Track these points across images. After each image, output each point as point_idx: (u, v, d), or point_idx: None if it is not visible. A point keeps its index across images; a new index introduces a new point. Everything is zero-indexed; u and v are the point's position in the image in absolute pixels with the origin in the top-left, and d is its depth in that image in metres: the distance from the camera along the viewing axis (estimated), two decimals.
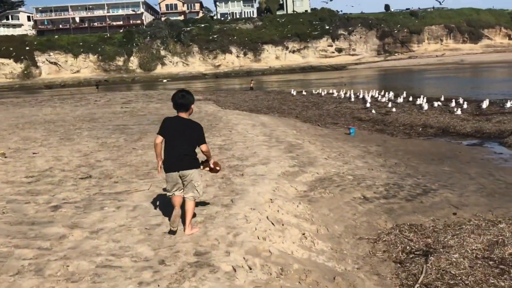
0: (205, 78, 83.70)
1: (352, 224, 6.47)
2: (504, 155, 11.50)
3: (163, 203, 6.36)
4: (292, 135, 13.59)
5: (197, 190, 5.34)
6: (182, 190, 5.34)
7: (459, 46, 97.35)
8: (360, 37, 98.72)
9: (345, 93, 28.35)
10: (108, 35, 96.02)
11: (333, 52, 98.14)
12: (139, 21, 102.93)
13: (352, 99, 25.47)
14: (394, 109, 20.46)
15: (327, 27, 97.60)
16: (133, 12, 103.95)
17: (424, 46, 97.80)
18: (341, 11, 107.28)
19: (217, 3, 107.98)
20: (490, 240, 5.65)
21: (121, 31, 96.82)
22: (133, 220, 5.89)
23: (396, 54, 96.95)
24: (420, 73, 58.99)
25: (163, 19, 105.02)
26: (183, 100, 5.29)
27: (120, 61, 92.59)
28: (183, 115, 5.31)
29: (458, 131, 15.06)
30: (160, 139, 5.29)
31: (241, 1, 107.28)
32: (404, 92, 25.26)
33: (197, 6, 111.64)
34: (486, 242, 5.60)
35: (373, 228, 6.39)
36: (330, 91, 31.90)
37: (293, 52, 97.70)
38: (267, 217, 6.00)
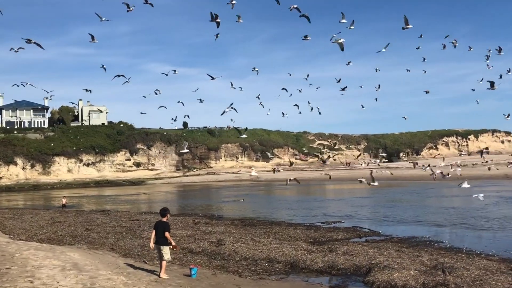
0: None
1: None
2: None
3: None
4: (124, 286, 10.13)
5: (166, 256, 11.34)
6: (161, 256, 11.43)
7: (253, 163, 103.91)
8: (159, 152, 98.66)
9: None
10: None
11: (131, 166, 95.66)
12: None
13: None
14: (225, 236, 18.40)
15: (125, 141, 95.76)
16: None
17: (221, 163, 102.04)
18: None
19: (3, 110, 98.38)
20: None
21: None
22: None
23: (195, 169, 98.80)
24: (219, 190, 59.54)
25: None
26: (161, 212, 11.59)
27: None
28: (163, 219, 11.45)
29: (309, 266, 13.36)
30: (153, 231, 11.58)
31: (31, 110, 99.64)
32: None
33: None
34: None
35: None
36: (143, 211, 28.78)
37: (88, 165, 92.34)
38: None
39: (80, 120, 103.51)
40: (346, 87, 34.80)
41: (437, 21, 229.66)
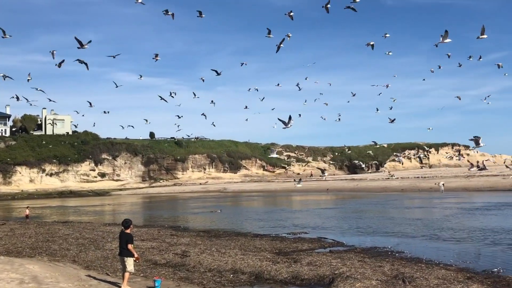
0: None
1: None
2: None
3: None
4: None
5: (129, 268, 11.32)
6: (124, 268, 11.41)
7: (220, 174, 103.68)
8: (125, 163, 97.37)
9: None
10: None
11: (96, 177, 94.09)
12: None
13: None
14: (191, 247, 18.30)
15: (90, 151, 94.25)
16: None
17: (188, 174, 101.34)
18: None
19: None
20: None
21: None
22: None
23: (162, 180, 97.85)
24: (186, 201, 59.11)
25: None
26: (124, 224, 11.57)
27: None
28: (126, 230, 11.44)
29: (273, 277, 13.45)
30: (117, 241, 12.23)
31: None
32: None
33: None
34: None
35: None
36: (107, 223, 28.31)
37: (51, 175, 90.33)
38: None
39: (43, 129, 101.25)
40: (395, 119, 38.37)
41: (402, 38, 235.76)
